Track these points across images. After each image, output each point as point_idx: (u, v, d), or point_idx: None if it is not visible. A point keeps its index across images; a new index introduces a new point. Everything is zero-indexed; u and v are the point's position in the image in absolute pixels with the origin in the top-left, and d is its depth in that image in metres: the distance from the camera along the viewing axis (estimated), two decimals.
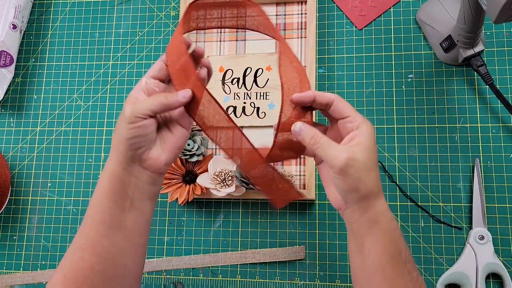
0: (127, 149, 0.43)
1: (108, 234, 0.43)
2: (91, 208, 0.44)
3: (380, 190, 0.42)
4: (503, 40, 0.65)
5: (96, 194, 0.44)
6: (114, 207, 0.43)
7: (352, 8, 0.69)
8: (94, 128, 0.71)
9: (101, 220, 0.43)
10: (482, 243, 0.59)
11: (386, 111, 0.65)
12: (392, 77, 0.66)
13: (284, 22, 0.70)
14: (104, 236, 0.43)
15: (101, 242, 0.42)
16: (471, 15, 0.53)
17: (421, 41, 0.67)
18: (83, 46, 0.75)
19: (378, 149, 0.64)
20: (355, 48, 0.68)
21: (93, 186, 0.69)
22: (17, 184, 0.71)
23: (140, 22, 0.74)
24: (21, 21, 0.74)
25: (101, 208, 0.43)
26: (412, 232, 0.62)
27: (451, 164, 0.63)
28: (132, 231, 0.44)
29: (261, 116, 0.67)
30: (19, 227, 0.70)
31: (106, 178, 0.43)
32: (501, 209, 0.61)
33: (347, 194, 0.42)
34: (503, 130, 0.63)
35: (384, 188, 0.63)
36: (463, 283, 0.59)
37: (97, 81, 0.73)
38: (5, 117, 0.74)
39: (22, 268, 0.69)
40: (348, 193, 0.42)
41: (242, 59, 0.69)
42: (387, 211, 0.42)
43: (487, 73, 0.60)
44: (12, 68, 0.72)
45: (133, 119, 0.42)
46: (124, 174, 0.43)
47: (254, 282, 0.64)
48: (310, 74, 0.65)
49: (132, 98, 0.44)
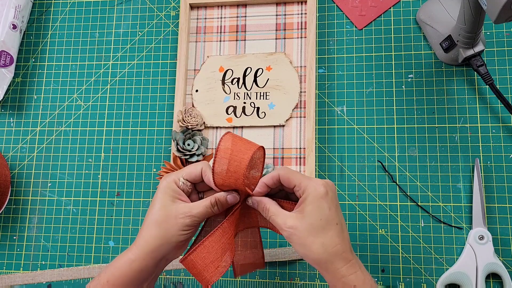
0: (175, 250, 0.44)
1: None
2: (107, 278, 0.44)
3: (337, 256, 0.40)
4: (503, 40, 0.65)
5: (113, 274, 0.43)
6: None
7: (352, 8, 0.69)
8: (94, 128, 0.71)
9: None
10: (482, 243, 0.59)
11: (386, 111, 0.65)
12: (392, 77, 0.66)
13: (284, 22, 0.70)
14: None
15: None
16: (471, 15, 0.53)
17: (421, 41, 0.67)
18: (83, 46, 0.75)
19: (378, 149, 0.64)
20: (355, 48, 0.68)
21: (93, 186, 0.69)
22: (17, 184, 0.71)
23: (140, 22, 0.74)
24: (21, 21, 0.74)
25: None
26: (412, 232, 0.62)
27: (451, 164, 0.63)
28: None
29: (261, 116, 0.67)
30: (19, 227, 0.70)
31: (127, 266, 0.43)
32: (501, 209, 0.61)
33: (304, 257, 0.42)
34: (503, 130, 0.63)
35: (384, 188, 0.63)
36: (463, 283, 0.59)
37: (97, 81, 0.73)
38: (5, 117, 0.74)
39: (22, 268, 0.69)
40: (305, 257, 0.42)
41: (242, 59, 0.69)
42: (354, 276, 0.40)
43: (487, 73, 0.60)
44: (12, 68, 0.72)
45: (191, 224, 0.43)
46: (152, 269, 0.44)
47: (254, 282, 0.64)
48: (310, 74, 0.65)
49: (173, 194, 0.44)
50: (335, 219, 0.41)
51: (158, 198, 0.44)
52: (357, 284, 0.40)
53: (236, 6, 0.71)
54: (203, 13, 0.72)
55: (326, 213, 0.41)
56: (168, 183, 0.44)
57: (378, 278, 0.61)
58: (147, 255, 0.43)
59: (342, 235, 0.41)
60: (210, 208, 0.43)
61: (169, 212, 0.43)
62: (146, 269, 0.43)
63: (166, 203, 0.43)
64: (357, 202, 0.64)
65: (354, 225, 0.63)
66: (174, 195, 0.44)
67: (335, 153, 0.65)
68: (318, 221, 0.40)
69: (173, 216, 0.43)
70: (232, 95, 0.68)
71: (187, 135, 0.65)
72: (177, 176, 0.45)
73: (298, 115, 0.66)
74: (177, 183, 0.44)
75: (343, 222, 0.42)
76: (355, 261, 0.41)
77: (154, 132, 0.70)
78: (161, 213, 0.43)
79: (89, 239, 0.68)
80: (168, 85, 0.71)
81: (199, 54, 0.71)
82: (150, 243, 0.43)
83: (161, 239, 0.42)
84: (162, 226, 0.43)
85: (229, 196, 0.44)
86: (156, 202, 0.44)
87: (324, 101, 0.67)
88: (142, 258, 0.43)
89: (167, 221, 0.42)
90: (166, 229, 0.42)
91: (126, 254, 0.43)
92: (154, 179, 0.68)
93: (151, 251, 0.43)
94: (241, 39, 0.70)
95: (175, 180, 0.44)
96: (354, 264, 0.41)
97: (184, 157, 0.64)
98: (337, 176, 0.65)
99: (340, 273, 0.40)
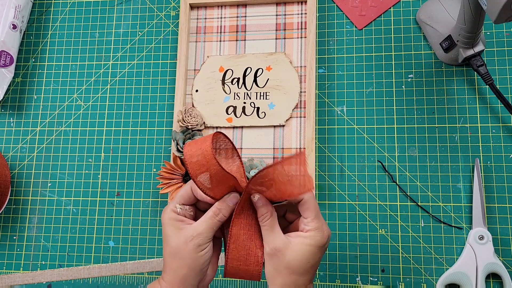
0: (203, 273, 0.43)
1: None
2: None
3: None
4: (503, 40, 0.65)
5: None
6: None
7: (352, 8, 0.69)
8: (94, 128, 0.71)
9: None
10: (482, 243, 0.59)
11: (386, 111, 0.65)
12: (392, 77, 0.66)
13: (284, 22, 0.70)
14: None
15: None
16: (471, 15, 0.53)
17: (421, 41, 0.67)
18: (83, 46, 0.75)
19: (378, 149, 0.64)
20: (355, 48, 0.68)
21: (93, 186, 0.69)
22: (17, 184, 0.71)
23: (140, 22, 0.74)
24: (21, 21, 0.74)
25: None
26: (412, 232, 0.62)
27: (451, 164, 0.63)
28: None
29: (261, 116, 0.67)
30: (19, 227, 0.70)
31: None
32: (501, 209, 0.61)
33: (267, 280, 0.43)
34: (503, 130, 0.63)
35: (384, 188, 0.63)
36: (463, 283, 0.59)
37: (97, 81, 0.73)
38: (5, 117, 0.74)
39: (22, 268, 0.69)
40: (268, 280, 0.43)
41: (242, 59, 0.69)
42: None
43: (487, 73, 0.60)
44: (12, 68, 0.72)
45: (202, 243, 0.42)
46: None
47: (254, 282, 0.64)
48: (310, 74, 0.65)
49: (175, 224, 0.44)
50: (316, 268, 0.43)
51: (165, 232, 0.44)
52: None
53: (236, 6, 0.71)
54: (203, 13, 0.72)
55: (315, 261, 0.43)
56: (168, 215, 0.44)
57: (378, 278, 0.61)
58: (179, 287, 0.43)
59: (311, 281, 0.44)
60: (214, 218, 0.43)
61: (178, 241, 0.43)
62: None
63: (173, 234, 0.43)
64: (357, 202, 0.64)
65: (354, 225, 0.63)
66: (177, 224, 0.44)
67: (335, 153, 0.65)
68: (305, 263, 0.42)
69: (183, 243, 0.43)
70: (232, 95, 0.68)
71: (187, 135, 0.65)
72: (173, 204, 0.45)
73: (298, 115, 0.66)
74: (175, 211, 0.44)
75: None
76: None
77: (154, 132, 0.70)
78: (173, 244, 0.43)
79: (89, 239, 0.68)
80: (168, 85, 0.71)
81: (199, 54, 0.71)
82: (176, 276, 0.43)
83: (183, 268, 0.42)
84: (178, 256, 0.43)
85: (229, 199, 0.44)
86: (166, 237, 0.44)
87: (324, 101, 0.67)
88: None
89: (181, 250, 0.43)
90: (183, 257, 0.42)
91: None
92: (154, 179, 0.68)
93: (181, 283, 0.43)
94: (241, 39, 0.70)
95: (173, 209, 0.44)
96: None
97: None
98: (337, 176, 0.65)
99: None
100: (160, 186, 0.66)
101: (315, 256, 0.42)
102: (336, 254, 0.63)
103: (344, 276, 0.62)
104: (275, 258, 0.42)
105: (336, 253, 0.63)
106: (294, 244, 0.42)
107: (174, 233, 0.43)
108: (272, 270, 0.42)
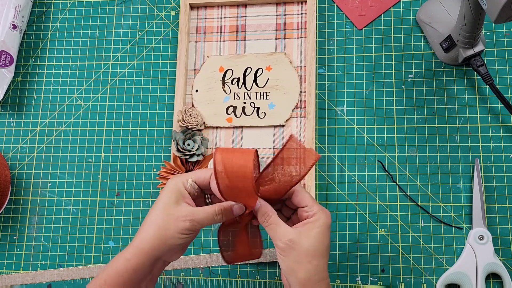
0: (171, 253, 0.43)
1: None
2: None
3: (322, 281, 0.42)
4: (503, 40, 0.65)
5: (109, 274, 0.42)
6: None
7: (352, 8, 0.69)
8: (94, 128, 0.71)
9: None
10: (482, 243, 0.59)
11: (386, 111, 0.65)
12: (392, 77, 0.66)
13: (284, 22, 0.70)
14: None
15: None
16: (471, 15, 0.53)
17: (421, 41, 0.67)
18: (83, 46, 0.75)
19: (378, 149, 0.64)
20: (355, 48, 0.68)
21: (93, 186, 0.69)
22: (17, 184, 0.71)
23: (140, 22, 0.74)
24: (21, 21, 0.74)
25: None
26: (412, 232, 0.62)
27: (451, 164, 0.63)
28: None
29: (261, 116, 0.67)
30: (19, 227, 0.70)
31: (122, 265, 0.42)
32: (501, 209, 0.61)
33: (287, 275, 0.42)
34: (503, 130, 0.63)
35: (384, 188, 0.63)
36: (463, 283, 0.59)
37: (97, 81, 0.73)
38: (5, 117, 0.74)
39: (22, 268, 0.69)
40: (288, 275, 0.42)
41: (242, 59, 0.69)
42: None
43: (487, 73, 0.60)
44: (12, 68, 0.72)
45: (191, 228, 0.42)
46: (148, 269, 0.43)
47: (254, 282, 0.64)
48: (310, 74, 0.65)
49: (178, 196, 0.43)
50: (329, 248, 0.44)
51: (162, 198, 0.43)
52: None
53: (236, 6, 0.71)
54: (203, 13, 0.72)
55: (328, 241, 0.43)
56: (175, 184, 0.44)
57: (378, 278, 0.61)
58: (143, 255, 0.42)
59: (327, 263, 0.44)
60: (214, 216, 0.43)
61: (170, 213, 0.42)
62: (141, 268, 0.42)
63: (170, 204, 0.43)
64: (357, 202, 0.64)
65: (354, 225, 0.63)
66: (179, 196, 0.43)
67: (335, 153, 0.65)
68: (321, 245, 0.42)
69: (174, 218, 0.42)
70: (232, 95, 0.68)
71: (187, 135, 0.65)
72: (186, 178, 0.44)
73: (298, 115, 0.66)
74: (185, 184, 0.44)
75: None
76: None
77: (154, 132, 0.70)
78: (163, 213, 0.42)
79: (89, 239, 0.68)
80: (168, 85, 0.71)
81: (199, 54, 0.71)
82: (146, 243, 0.42)
83: (158, 239, 0.42)
84: (161, 227, 0.42)
85: (236, 207, 0.44)
86: (160, 202, 0.43)
87: (324, 101, 0.67)
88: (137, 258, 0.42)
89: (167, 222, 0.42)
90: (165, 229, 0.42)
91: (123, 254, 0.43)
92: (154, 179, 0.68)
93: (147, 251, 0.42)
94: (241, 39, 0.70)
95: (183, 181, 0.44)
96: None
97: (184, 157, 0.64)
98: (337, 176, 0.65)
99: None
100: (160, 186, 0.66)
101: (327, 236, 0.43)
102: (336, 254, 0.63)
103: (344, 276, 0.62)
104: (292, 250, 0.41)
105: (336, 253, 0.63)
106: (307, 231, 0.42)
107: (171, 203, 0.42)
108: (292, 263, 0.42)
